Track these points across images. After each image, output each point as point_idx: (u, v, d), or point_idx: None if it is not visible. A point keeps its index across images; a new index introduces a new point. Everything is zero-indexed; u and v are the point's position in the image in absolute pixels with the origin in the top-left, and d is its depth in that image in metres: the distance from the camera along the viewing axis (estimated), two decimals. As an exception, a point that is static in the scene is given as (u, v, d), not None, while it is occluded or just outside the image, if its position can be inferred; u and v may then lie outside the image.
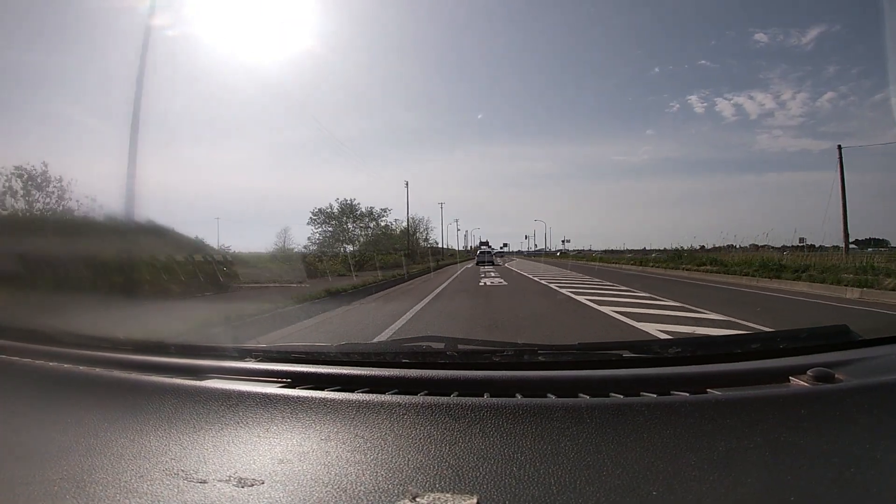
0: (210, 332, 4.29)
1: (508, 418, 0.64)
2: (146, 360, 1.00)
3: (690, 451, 0.55)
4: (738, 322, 5.54)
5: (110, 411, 0.75)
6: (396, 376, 0.84)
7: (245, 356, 1.03)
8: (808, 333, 0.98)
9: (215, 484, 0.54)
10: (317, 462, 0.58)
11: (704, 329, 5.18)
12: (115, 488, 0.54)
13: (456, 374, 0.84)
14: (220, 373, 0.93)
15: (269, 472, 0.56)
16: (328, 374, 0.86)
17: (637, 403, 0.66)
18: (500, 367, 0.93)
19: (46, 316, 3.58)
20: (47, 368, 0.95)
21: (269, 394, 0.76)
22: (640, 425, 0.61)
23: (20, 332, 1.23)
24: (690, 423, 0.61)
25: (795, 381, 0.73)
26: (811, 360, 0.80)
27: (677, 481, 0.51)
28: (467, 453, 0.57)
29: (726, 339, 1.08)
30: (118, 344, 1.15)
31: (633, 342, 0.97)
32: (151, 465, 0.59)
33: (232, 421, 0.69)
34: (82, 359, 1.00)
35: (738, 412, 0.63)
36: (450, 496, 0.49)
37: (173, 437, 0.65)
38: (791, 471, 0.51)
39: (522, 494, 0.50)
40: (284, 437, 0.64)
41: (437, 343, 1.06)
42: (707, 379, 0.77)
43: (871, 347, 0.92)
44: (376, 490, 0.51)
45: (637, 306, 7.08)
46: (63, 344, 1.12)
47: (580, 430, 0.60)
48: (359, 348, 1.16)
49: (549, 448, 0.57)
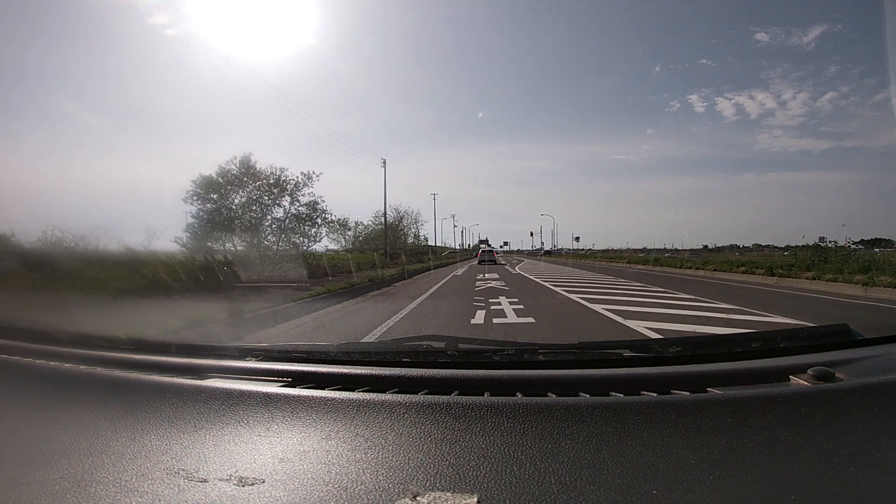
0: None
1: (509, 417, 0.64)
2: (147, 359, 1.00)
3: (691, 450, 0.56)
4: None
5: (111, 410, 0.75)
6: (397, 375, 0.84)
7: (246, 355, 1.03)
8: (808, 332, 0.98)
9: (216, 483, 0.54)
10: (317, 461, 0.58)
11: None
12: (115, 487, 0.54)
13: (456, 373, 0.84)
14: (221, 372, 0.93)
15: (270, 471, 0.56)
16: (329, 373, 0.87)
17: (637, 402, 0.66)
18: (501, 366, 0.93)
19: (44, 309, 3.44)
20: (48, 368, 0.95)
21: (269, 393, 0.76)
22: (641, 424, 0.61)
23: (21, 331, 1.23)
24: (691, 422, 0.61)
25: (796, 380, 0.73)
26: (812, 360, 0.80)
27: (678, 480, 0.51)
28: (468, 452, 0.57)
29: (726, 338, 1.08)
30: (119, 343, 1.15)
31: (633, 341, 0.97)
32: (152, 464, 0.59)
33: (233, 420, 0.69)
34: (83, 358, 1.00)
35: (738, 411, 0.63)
36: (450, 495, 0.49)
37: (174, 437, 0.65)
38: (791, 470, 0.51)
39: (523, 493, 0.50)
40: (285, 436, 0.64)
41: (438, 342, 1.07)
42: (707, 378, 0.77)
43: (871, 347, 0.92)
44: (377, 489, 0.51)
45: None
46: (63, 343, 1.12)
47: (581, 429, 0.61)
48: (359, 347, 1.16)
49: (549, 447, 0.57)
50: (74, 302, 5.86)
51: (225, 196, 13.80)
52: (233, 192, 13.97)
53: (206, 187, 13.67)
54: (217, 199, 13.72)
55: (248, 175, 14.13)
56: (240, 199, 14.03)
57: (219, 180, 13.80)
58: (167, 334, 4.32)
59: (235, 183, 14.00)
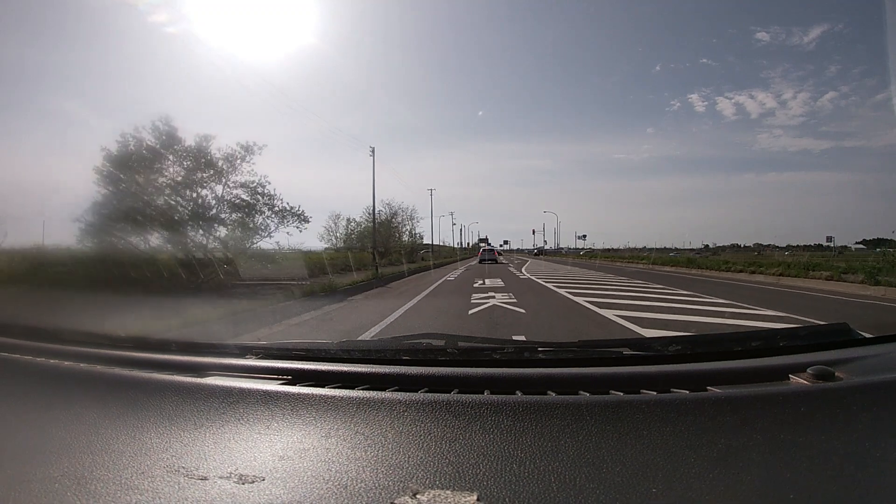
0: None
1: (509, 415, 0.64)
2: (147, 357, 1.00)
3: (690, 449, 0.56)
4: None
5: (111, 408, 0.75)
6: (397, 373, 0.84)
7: (246, 353, 1.03)
8: (808, 331, 0.98)
9: (216, 481, 0.54)
10: (317, 459, 0.58)
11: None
12: (115, 485, 0.54)
13: (456, 371, 0.84)
14: (221, 370, 0.93)
15: (270, 469, 0.56)
16: (329, 371, 0.87)
17: (637, 401, 0.66)
18: (501, 364, 0.93)
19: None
20: (48, 366, 0.95)
21: (269, 391, 0.76)
22: (640, 423, 0.61)
23: (21, 329, 1.23)
24: (690, 421, 0.61)
25: (795, 379, 0.73)
26: (811, 359, 0.80)
27: (677, 478, 0.51)
28: (468, 450, 0.57)
29: (726, 336, 1.08)
30: (119, 341, 1.16)
31: (632, 340, 0.97)
32: (152, 462, 0.59)
33: (233, 418, 0.69)
34: (83, 356, 1.00)
35: (737, 410, 0.63)
36: (450, 493, 0.49)
37: (174, 434, 0.66)
38: (790, 469, 0.51)
39: (522, 491, 0.50)
40: (285, 434, 0.64)
41: (438, 340, 1.07)
42: (707, 377, 0.77)
43: (871, 346, 0.92)
44: (377, 487, 0.51)
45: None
46: (64, 341, 1.12)
47: (580, 427, 0.61)
48: (359, 345, 1.16)
49: (549, 445, 0.57)
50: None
51: (133, 176, 9.98)
52: (145, 169, 10.06)
53: (121, 165, 9.92)
54: (125, 181, 9.88)
55: (166, 147, 10.22)
56: (154, 180, 10.21)
57: (131, 154, 9.96)
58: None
59: (148, 159, 10.04)
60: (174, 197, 10.53)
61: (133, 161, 9.99)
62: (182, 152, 10.53)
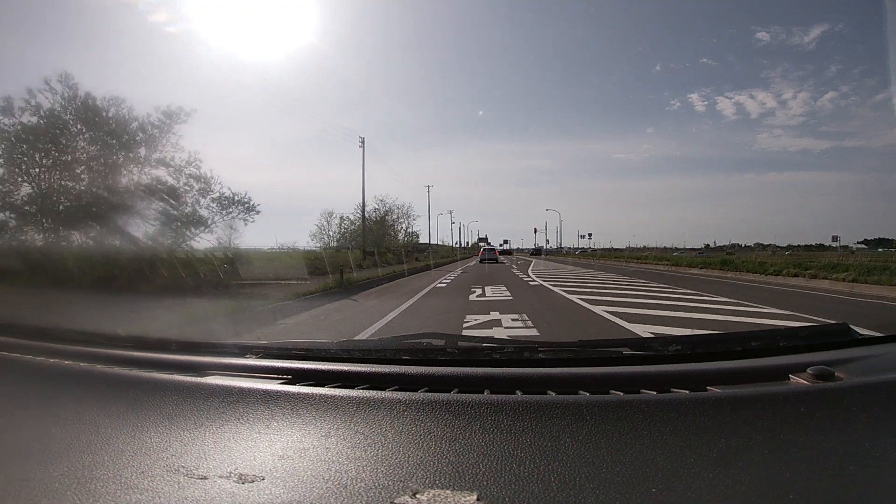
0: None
1: (508, 415, 0.64)
2: (147, 356, 1.00)
3: (690, 449, 0.56)
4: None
5: (111, 408, 0.75)
6: (397, 373, 0.84)
7: (246, 353, 1.03)
8: (808, 331, 0.98)
9: (216, 480, 0.54)
10: (317, 458, 0.58)
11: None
12: (115, 484, 0.54)
13: (456, 370, 0.84)
14: (221, 369, 0.93)
15: (270, 469, 0.56)
16: (329, 370, 0.87)
17: (637, 401, 0.66)
18: (501, 363, 0.93)
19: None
20: (48, 365, 0.95)
21: (269, 390, 0.76)
22: (640, 422, 0.61)
23: (20, 328, 1.23)
24: (690, 421, 0.61)
25: (795, 379, 0.73)
26: (811, 359, 0.80)
27: (677, 478, 0.51)
28: (467, 450, 0.57)
29: (726, 336, 1.08)
30: (119, 341, 1.16)
31: (632, 339, 0.97)
32: (152, 461, 0.59)
33: (232, 417, 0.69)
34: (83, 355, 1.00)
35: (737, 410, 0.63)
36: (450, 492, 0.49)
37: (174, 434, 0.66)
38: (790, 469, 0.51)
39: (522, 491, 0.50)
40: (285, 434, 0.64)
41: (438, 340, 1.07)
42: (707, 376, 0.77)
43: (871, 346, 0.92)
44: (376, 486, 0.51)
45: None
46: (63, 341, 1.12)
47: (580, 426, 0.61)
48: (359, 345, 1.16)
49: (549, 445, 0.57)
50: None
51: (16, 150, 7.18)
52: (36, 142, 7.26)
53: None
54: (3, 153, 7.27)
55: (73, 113, 7.46)
56: (47, 153, 7.33)
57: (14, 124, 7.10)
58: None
59: (42, 127, 7.30)
60: (67, 177, 7.50)
61: (19, 131, 7.04)
62: (82, 119, 7.59)
